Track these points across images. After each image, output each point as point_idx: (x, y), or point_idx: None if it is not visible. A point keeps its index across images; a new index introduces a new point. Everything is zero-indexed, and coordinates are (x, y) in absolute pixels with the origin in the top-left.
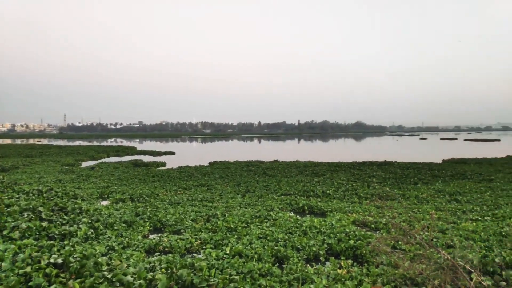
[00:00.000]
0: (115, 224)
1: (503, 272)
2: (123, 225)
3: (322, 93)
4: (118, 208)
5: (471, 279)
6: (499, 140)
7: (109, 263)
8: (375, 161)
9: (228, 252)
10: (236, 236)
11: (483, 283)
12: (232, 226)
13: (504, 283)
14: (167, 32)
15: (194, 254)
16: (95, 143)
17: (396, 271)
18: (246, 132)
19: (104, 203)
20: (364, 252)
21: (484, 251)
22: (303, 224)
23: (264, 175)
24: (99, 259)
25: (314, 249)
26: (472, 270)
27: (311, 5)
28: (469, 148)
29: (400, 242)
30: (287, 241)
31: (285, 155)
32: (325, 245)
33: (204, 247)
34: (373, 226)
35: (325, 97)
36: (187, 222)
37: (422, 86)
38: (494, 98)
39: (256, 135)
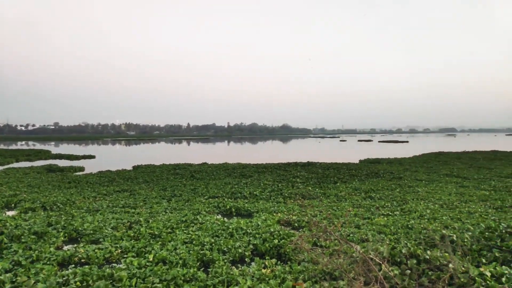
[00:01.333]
0: (22, 236)
1: (408, 262)
2: (33, 236)
3: (252, 96)
4: (27, 218)
5: (380, 270)
6: (407, 142)
7: (14, 280)
8: (299, 162)
9: (151, 259)
10: (160, 243)
11: (390, 273)
12: (156, 232)
13: (409, 271)
14: (90, 27)
15: (113, 264)
16: (2, 146)
17: (316, 267)
18: (174, 134)
19: (11, 213)
20: (287, 250)
21: (393, 243)
22: (230, 226)
23: (192, 178)
24: (2, 277)
25: (240, 250)
26: (381, 262)
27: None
28: (382, 149)
29: (320, 239)
30: (213, 244)
31: (214, 157)
32: (251, 246)
33: (125, 255)
34: (296, 224)
35: (254, 100)
36: (106, 231)
37: (342, 91)
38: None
39: (184, 137)
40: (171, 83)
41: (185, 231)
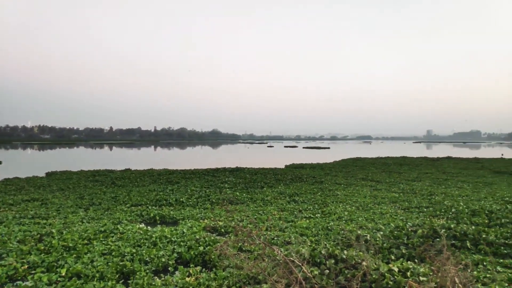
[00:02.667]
0: None
1: (327, 262)
2: None
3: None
4: None
5: (301, 271)
6: (329, 148)
7: None
8: (228, 168)
9: (63, 274)
10: (75, 255)
11: (309, 274)
12: (71, 244)
13: (327, 271)
14: None
15: (19, 282)
16: None
17: (241, 272)
18: (95, 138)
19: None
20: (212, 257)
21: (314, 245)
22: (153, 235)
23: (113, 185)
24: None
25: (163, 259)
26: (301, 264)
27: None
28: (306, 155)
29: (245, 244)
30: (134, 254)
31: (139, 163)
32: (175, 254)
33: (33, 271)
34: (223, 230)
35: (183, 105)
36: (11, 245)
37: (269, 99)
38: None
39: (107, 141)
40: (93, 83)
41: (103, 242)
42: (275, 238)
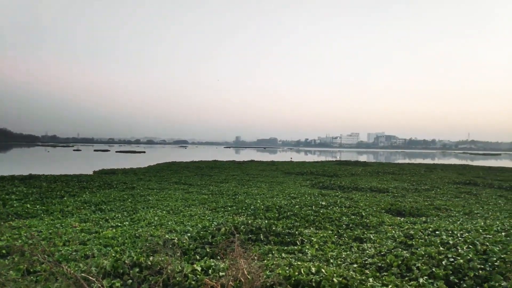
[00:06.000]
0: None
1: (131, 271)
2: None
3: None
4: None
5: (101, 286)
6: (144, 152)
7: None
8: (17, 175)
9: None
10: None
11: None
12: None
13: (131, 280)
14: None
15: None
16: None
17: None
18: None
19: None
20: None
21: (119, 255)
22: None
23: None
24: None
25: None
26: (95, 279)
27: None
28: (119, 159)
29: (35, 264)
30: None
31: None
32: None
33: None
34: (4, 251)
35: None
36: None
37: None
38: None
39: None
40: None
41: None
42: (74, 253)
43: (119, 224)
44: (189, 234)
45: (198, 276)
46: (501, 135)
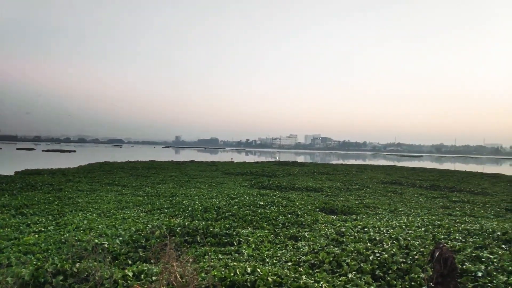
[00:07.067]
0: None
1: (54, 280)
2: None
3: None
4: None
5: None
6: (75, 151)
7: None
8: None
9: None
10: None
11: None
12: None
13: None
14: None
15: None
16: None
17: None
18: None
19: None
20: None
21: (41, 263)
22: None
23: None
24: None
25: None
26: None
27: None
28: (46, 159)
29: None
30: None
31: None
32: None
33: None
34: None
35: None
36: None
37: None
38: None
39: None
40: None
41: None
42: None
43: (43, 229)
44: (121, 238)
45: (129, 281)
46: (424, 139)
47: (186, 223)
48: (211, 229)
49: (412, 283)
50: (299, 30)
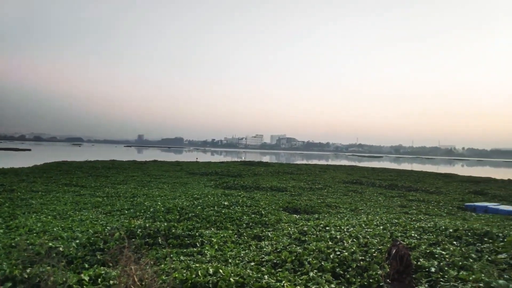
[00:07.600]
0: None
1: (1, 287)
2: None
3: None
4: None
5: None
6: (30, 150)
7: None
8: None
9: None
10: None
11: None
12: None
13: None
14: None
15: None
16: None
17: None
18: None
19: None
20: None
21: None
22: None
23: None
24: None
25: None
26: None
27: None
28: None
29: None
30: None
31: None
32: None
33: None
34: None
35: None
36: None
37: None
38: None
39: None
40: None
41: None
42: None
43: None
44: (77, 241)
45: (85, 286)
46: (384, 140)
47: (147, 225)
48: (173, 230)
49: (371, 280)
50: (267, 31)
